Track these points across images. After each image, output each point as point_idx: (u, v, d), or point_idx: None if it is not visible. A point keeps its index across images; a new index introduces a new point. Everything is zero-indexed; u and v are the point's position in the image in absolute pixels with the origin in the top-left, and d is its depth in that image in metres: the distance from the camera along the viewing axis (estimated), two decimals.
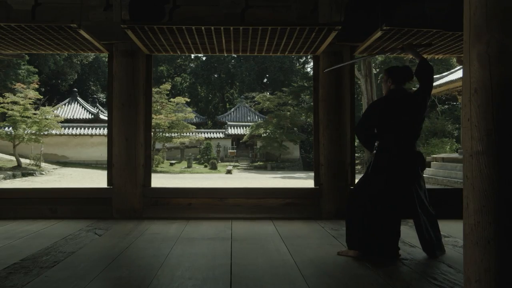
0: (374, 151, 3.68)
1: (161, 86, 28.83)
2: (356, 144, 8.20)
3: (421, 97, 3.60)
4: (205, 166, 30.15)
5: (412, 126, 3.57)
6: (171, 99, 29.64)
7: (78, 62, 42.23)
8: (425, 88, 3.61)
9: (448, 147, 25.52)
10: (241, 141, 36.17)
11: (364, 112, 3.75)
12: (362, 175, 3.69)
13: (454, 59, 21.94)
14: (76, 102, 37.40)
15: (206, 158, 31.69)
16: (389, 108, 3.59)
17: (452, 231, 4.46)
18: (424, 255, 3.49)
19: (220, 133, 37.87)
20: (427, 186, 3.81)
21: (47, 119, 22.60)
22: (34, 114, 22.05)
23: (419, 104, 3.58)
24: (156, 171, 24.92)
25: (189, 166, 29.27)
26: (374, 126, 3.63)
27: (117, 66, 5.27)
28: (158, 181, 17.07)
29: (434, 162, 16.70)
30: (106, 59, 5.82)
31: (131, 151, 5.24)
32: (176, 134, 29.46)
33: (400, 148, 3.52)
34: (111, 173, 5.31)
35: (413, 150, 3.57)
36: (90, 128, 30.33)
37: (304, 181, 20.13)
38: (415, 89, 3.70)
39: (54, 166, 24.82)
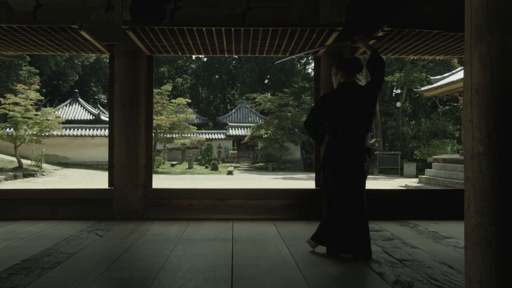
0: (324, 146, 3.61)
1: (162, 87, 28.85)
2: None
3: (372, 90, 3.56)
4: (206, 167, 30.15)
5: (363, 120, 3.51)
6: (172, 100, 29.65)
7: (79, 63, 42.30)
8: (376, 80, 3.57)
9: (449, 148, 25.51)
10: (242, 142, 36.16)
11: (314, 106, 3.70)
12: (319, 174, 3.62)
13: (455, 60, 21.93)
14: (77, 103, 37.44)
15: (207, 159, 31.68)
16: (339, 101, 3.53)
17: (453, 232, 4.46)
18: (426, 256, 3.48)
19: (221, 134, 37.87)
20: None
21: (48, 120, 22.64)
22: (35, 115, 22.09)
23: (369, 98, 3.53)
24: (157, 172, 24.94)
25: (190, 167, 29.28)
26: (323, 120, 3.56)
27: (118, 67, 5.28)
28: (159, 182, 17.09)
29: (435, 163, 16.67)
30: (107, 60, 5.83)
31: (132, 152, 5.24)
32: (177, 135, 29.47)
33: (350, 142, 3.46)
34: (112, 174, 5.31)
35: (363, 144, 3.52)
36: (91, 129, 30.36)
37: (305, 182, 20.13)
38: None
39: (55, 167, 24.85)
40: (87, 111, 36.85)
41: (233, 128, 38.20)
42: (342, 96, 3.56)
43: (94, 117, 35.72)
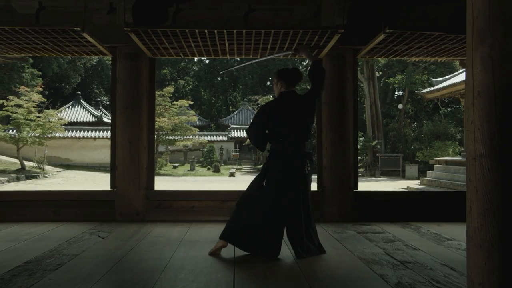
0: (268, 153, 3.72)
1: (164, 89, 28.87)
2: (359, 147, 8.19)
3: (311, 98, 3.67)
4: (208, 169, 30.15)
5: (303, 128, 3.60)
6: (174, 102, 29.67)
7: (82, 65, 42.36)
8: (315, 89, 3.69)
9: (451, 150, 25.46)
10: (244, 144, 36.16)
11: (255, 114, 3.80)
12: (257, 176, 3.72)
13: (457, 62, 21.91)
14: (79, 105, 37.49)
15: (209, 161, 31.69)
16: (280, 110, 3.62)
17: (455, 234, 4.45)
18: (428, 258, 3.48)
19: (223, 136, 37.89)
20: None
21: (50, 122, 22.67)
22: (38, 117, 22.12)
23: (309, 106, 3.64)
24: (159, 174, 24.94)
25: (192, 169, 29.29)
26: (264, 128, 3.66)
27: (121, 69, 5.29)
28: (161, 183, 17.07)
29: (437, 165, 16.65)
30: (110, 62, 5.85)
31: (134, 154, 5.25)
32: (179, 137, 29.48)
33: (291, 150, 3.55)
34: (114, 176, 5.32)
35: (304, 150, 3.61)
36: (94, 131, 30.40)
37: None
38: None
39: (58, 169, 24.88)
40: (89, 113, 36.89)
41: (235, 130, 38.20)
42: (282, 105, 3.65)
43: (96, 119, 35.76)
